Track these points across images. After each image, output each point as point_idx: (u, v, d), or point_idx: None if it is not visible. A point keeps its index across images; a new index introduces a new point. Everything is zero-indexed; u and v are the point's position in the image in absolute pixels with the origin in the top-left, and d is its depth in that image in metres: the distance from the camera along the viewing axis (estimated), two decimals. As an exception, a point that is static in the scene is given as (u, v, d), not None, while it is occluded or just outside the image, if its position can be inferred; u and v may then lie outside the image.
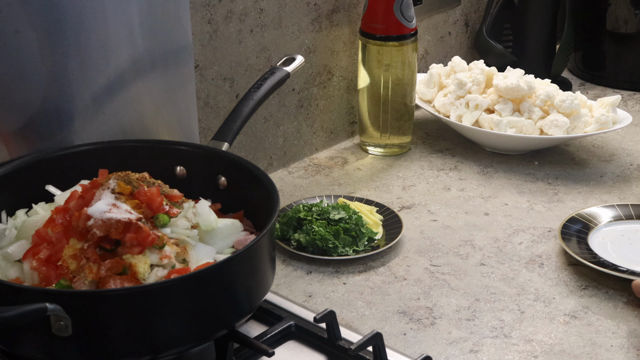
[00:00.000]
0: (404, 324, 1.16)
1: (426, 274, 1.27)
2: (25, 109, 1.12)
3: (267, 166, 1.54)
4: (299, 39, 1.52)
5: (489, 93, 1.63)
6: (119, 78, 1.19)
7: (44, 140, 1.14)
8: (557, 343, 1.13)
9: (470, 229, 1.38)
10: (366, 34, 1.55)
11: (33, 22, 1.08)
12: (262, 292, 1.02)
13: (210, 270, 0.95)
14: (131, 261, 0.95)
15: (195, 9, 1.34)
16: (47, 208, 1.09)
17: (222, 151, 1.14)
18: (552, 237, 1.35)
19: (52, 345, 0.90)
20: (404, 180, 1.52)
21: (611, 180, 1.53)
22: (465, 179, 1.53)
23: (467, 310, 1.19)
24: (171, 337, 0.93)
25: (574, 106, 1.58)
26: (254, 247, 0.97)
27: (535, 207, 1.44)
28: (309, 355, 1.07)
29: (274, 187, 1.06)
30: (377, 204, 1.39)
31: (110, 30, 1.16)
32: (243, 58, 1.44)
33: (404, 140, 1.62)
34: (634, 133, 1.70)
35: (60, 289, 0.94)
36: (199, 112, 1.38)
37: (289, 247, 1.29)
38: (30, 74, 1.11)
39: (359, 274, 1.27)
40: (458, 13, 1.83)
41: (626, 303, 1.21)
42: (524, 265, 1.29)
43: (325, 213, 1.31)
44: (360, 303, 1.20)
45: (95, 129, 1.19)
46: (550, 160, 1.60)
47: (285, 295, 1.20)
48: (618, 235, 1.33)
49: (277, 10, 1.47)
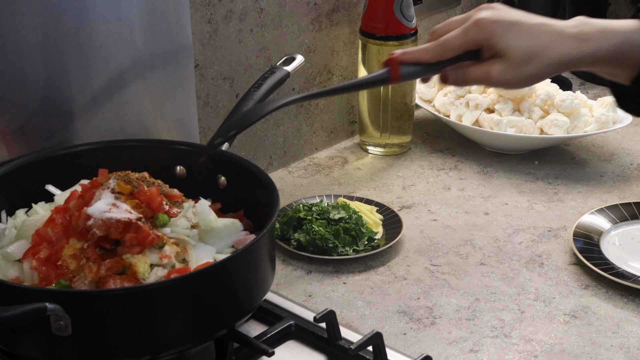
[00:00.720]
0: (404, 324, 1.16)
1: (426, 273, 1.27)
2: (25, 108, 1.12)
3: (267, 166, 1.53)
4: (299, 38, 1.52)
5: (489, 92, 1.62)
6: (118, 78, 1.19)
7: (44, 140, 1.14)
8: (557, 343, 1.13)
9: (470, 228, 1.38)
10: (366, 33, 1.55)
11: (33, 22, 1.08)
12: (262, 291, 1.02)
13: (210, 269, 0.95)
14: (131, 261, 0.95)
15: (195, 9, 1.34)
16: (47, 208, 1.09)
17: (222, 151, 1.14)
18: (552, 237, 1.35)
19: (52, 345, 0.90)
20: (404, 179, 1.52)
21: (611, 179, 1.53)
22: (465, 178, 1.53)
23: (467, 309, 1.19)
24: (171, 336, 0.93)
25: (574, 106, 1.58)
26: (254, 246, 0.97)
27: (535, 206, 1.44)
28: (309, 355, 1.07)
29: (274, 187, 1.05)
30: (377, 203, 1.39)
31: (110, 29, 1.16)
32: (243, 58, 1.44)
33: (404, 139, 1.62)
34: (634, 133, 1.70)
35: (60, 289, 0.94)
36: (198, 111, 1.38)
37: (289, 247, 1.29)
38: (30, 74, 1.10)
39: (359, 274, 1.27)
40: (458, 12, 1.83)
41: (626, 303, 1.21)
42: (524, 265, 1.29)
43: (325, 213, 1.31)
44: (360, 303, 1.20)
45: (95, 129, 1.18)
46: (551, 159, 1.60)
47: (285, 295, 1.19)
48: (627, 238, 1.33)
49: (277, 10, 1.47)
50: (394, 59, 0.94)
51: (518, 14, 0.93)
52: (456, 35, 0.94)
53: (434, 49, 0.94)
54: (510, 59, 0.92)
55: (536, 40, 0.91)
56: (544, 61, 0.91)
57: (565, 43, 0.91)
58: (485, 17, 0.93)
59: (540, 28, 0.92)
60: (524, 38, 0.91)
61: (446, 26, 0.96)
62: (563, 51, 0.91)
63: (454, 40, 0.94)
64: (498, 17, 0.93)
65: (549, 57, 0.91)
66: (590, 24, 0.93)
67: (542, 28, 0.92)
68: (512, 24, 0.92)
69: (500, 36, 0.91)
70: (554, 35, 0.92)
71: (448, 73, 0.96)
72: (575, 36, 0.91)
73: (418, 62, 0.95)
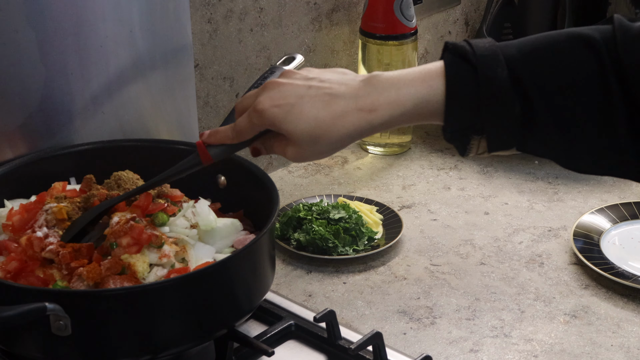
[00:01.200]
0: (404, 324, 1.16)
1: (426, 273, 1.27)
2: (24, 108, 1.12)
3: (267, 165, 1.53)
4: (299, 38, 1.52)
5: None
6: (118, 77, 1.19)
7: (43, 139, 1.14)
8: (557, 342, 1.13)
9: (471, 228, 1.38)
10: (366, 33, 1.55)
11: (33, 22, 1.08)
12: (262, 291, 1.02)
13: (209, 269, 0.95)
14: (129, 261, 0.95)
15: (195, 8, 1.33)
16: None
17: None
18: (552, 237, 1.35)
19: (52, 344, 0.90)
20: (404, 179, 1.52)
21: (611, 179, 1.53)
22: (465, 178, 1.53)
23: (467, 309, 1.19)
24: (170, 336, 0.93)
25: (574, 105, 1.57)
26: (254, 246, 0.97)
27: (535, 206, 1.44)
28: (309, 354, 1.07)
29: (274, 187, 1.05)
30: (377, 203, 1.39)
31: (110, 29, 1.16)
32: (243, 57, 1.44)
33: (404, 139, 1.62)
34: (634, 132, 1.70)
35: (61, 289, 0.94)
36: (198, 111, 1.38)
37: (288, 247, 1.29)
38: (29, 74, 1.10)
39: (359, 274, 1.27)
40: (458, 12, 1.83)
41: (626, 303, 1.21)
42: (524, 265, 1.29)
43: (325, 212, 1.31)
44: (360, 302, 1.20)
45: (95, 128, 1.18)
46: (551, 159, 1.59)
47: (285, 294, 1.19)
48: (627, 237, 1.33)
49: (277, 10, 1.47)
50: (199, 144, 0.94)
51: (300, 90, 0.88)
52: (244, 121, 0.90)
53: (233, 132, 0.92)
54: (297, 142, 0.88)
55: (317, 122, 0.86)
56: (331, 139, 0.87)
57: (350, 117, 0.86)
58: (264, 103, 0.88)
59: (318, 105, 0.87)
60: (304, 122, 0.86)
61: (243, 102, 0.93)
62: (349, 126, 0.86)
63: (243, 126, 0.91)
64: (277, 101, 0.88)
65: (336, 134, 0.86)
66: (379, 89, 0.86)
67: (321, 105, 0.87)
68: (290, 108, 0.87)
69: (282, 122, 0.87)
70: (336, 111, 0.86)
71: (257, 147, 0.94)
72: (361, 108, 0.86)
73: (223, 143, 0.93)
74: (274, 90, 0.89)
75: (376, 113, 0.86)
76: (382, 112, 0.86)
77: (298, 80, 0.89)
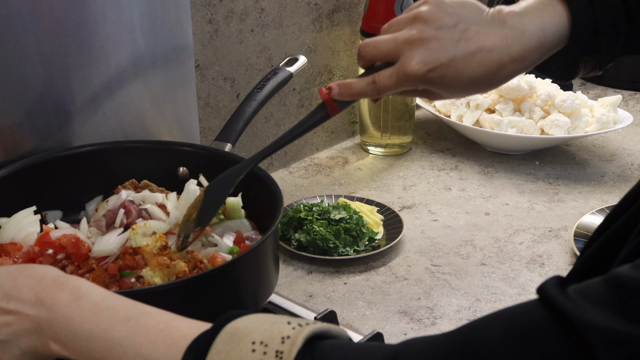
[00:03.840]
0: (405, 324, 1.16)
1: (427, 273, 1.27)
2: (25, 108, 1.11)
3: (268, 166, 1.53)
4: (300, 38, 1.52)
5: (490, 93, 1.62)
6: (119, 78, 1.19)
7: (44, 140, 1.14)
8: (558, 343, 1.13)
9: (471, 228, 1.38)
10: (367, 33, 1.55)
11: (33, 22, 1.08)
12: (267, 292, 1.02)
13: (214, 272, 0.95)
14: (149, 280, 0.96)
15: (195, 9, 1.33)
16: (25, 215, 1.07)
17: (225, 152, 1.14)
18: (553, 237, 1.35)
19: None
20: (405, 180, 1.52)
21: (612, 180, 1.53)
22: (466, 178, 1.53)
23: (467, 310, 1.19)
24: (173, 337, 0.93)
25: (575, 106, 1.58)
26: (259, 248, 0.97)
27: (536, 207, 1.44)
28: (310, 355, 1.07)
29: (277, 189, 1.05)
30: (378, 203, 1.39)
31: (111, 30, 1.15)
32: (244, 58, 1.44)
33: (405, 140, 1.62)
34: (634, 133, 1.70)
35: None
36: (199, 111, 1.38)
37: (289, 247, 1.29)
38: (30, 74, 1.10)
39: (360, 274, 1.27)
40: (458, 12, 1.83)
41: (627, 303, 1.21)
42: (525, 265, 1.29)
43: (326, 213, 1.31)
44: (360, 303, 1.20)
45: (96, 129, 1.18)
46: (551, 160, 1.60)
47: (286, 295, 1.19)
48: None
49: (278, 10, 1.47)
50: (327, 99, 0.92)
51: (449, 48, 0.86)
52: (389, 80, 0.89)
53: (373, 90, 0.90)
54: (449, 96, 0.90)
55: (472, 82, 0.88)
56: (485, 90, 0.90)
57: (506, 71, 0.88)
58: (414, 67, 0.86)
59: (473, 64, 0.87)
60: (461, 83, 0.87)
61: (374, 50, 0.90)
62: (504, 79, 0.89)
63: (388, 84, 0.89)
64: (429, 64, 0.86)
65: (491, 87, 0.90)
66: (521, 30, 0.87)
67: (476, 63, 0.87)
68: (445, 70, 0.86)
69: (437, 86, 0.87)
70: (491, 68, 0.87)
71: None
72: (514, 59, 0.87)
73: (358, 98, 0.93)
74: (421, 49, 0.86)
75: (526, 61, 0.87)
76: (531, 59, 0.87)
77: (443, 32, 0.86)
